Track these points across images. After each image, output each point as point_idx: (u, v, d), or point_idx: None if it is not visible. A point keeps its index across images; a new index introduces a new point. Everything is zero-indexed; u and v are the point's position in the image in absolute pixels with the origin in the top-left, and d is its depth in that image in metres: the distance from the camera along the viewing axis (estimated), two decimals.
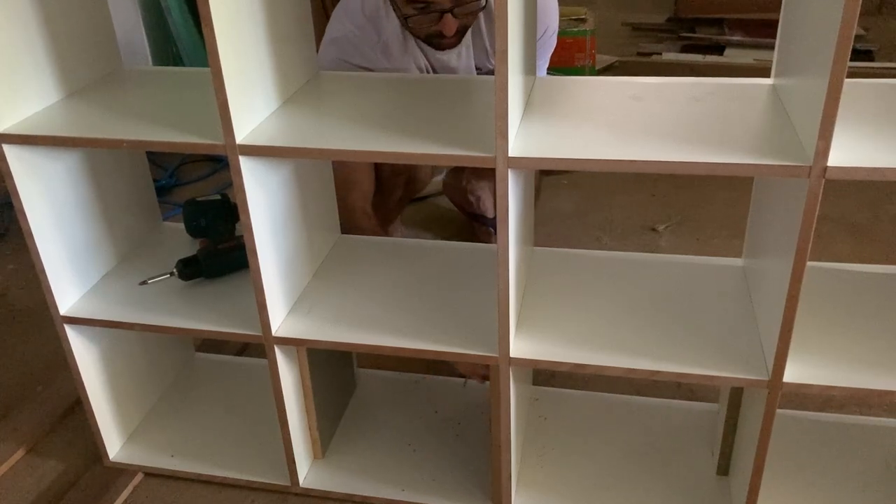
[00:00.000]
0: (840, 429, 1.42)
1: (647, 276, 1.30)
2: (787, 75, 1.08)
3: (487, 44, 1.75)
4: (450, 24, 1.59)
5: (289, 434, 1.30)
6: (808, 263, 0.96)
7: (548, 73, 1.87)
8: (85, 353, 1.33)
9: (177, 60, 2.93)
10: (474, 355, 1.15)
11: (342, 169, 1.70)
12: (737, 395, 1.24)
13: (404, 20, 1.63)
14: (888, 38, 3.85)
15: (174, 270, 1.32)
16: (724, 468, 1.32)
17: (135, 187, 1.44)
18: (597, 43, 3.34)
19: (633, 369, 1.10)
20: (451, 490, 1.33)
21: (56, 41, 1.20)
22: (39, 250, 1.21)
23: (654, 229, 2.25)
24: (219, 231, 1.43)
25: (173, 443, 1.46)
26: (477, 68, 1.80)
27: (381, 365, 1.65)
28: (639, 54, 3.78)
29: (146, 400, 1.53)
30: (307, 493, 1.36)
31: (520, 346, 1.15)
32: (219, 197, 1.48)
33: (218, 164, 2.72)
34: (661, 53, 3.72)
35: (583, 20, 3.28)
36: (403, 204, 2.13)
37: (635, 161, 0.95)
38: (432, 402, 1.53)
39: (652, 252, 1.52)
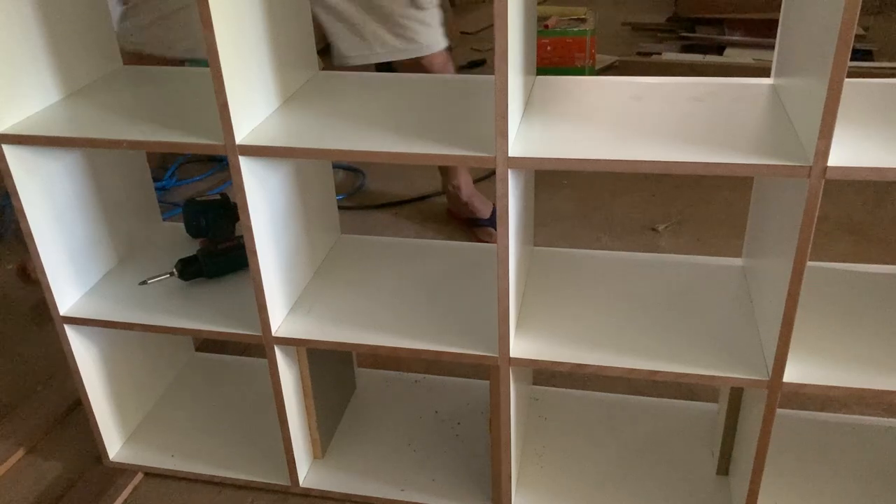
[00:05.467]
0: (840, 429, 1.42)
1: (647, 276, 1.30)
2: (787, 75, 1.08)
3: None
4: None
5: (289, 434, 1.30)
6: (808, 263, 0.96)
7: (548, 74, 1.88)
8: (85, 353, 1.33)
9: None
10: (474, 355, 1.15)
11: None
12: (737, 395, 1.24)
13: None
14: (888, 38, 3.85)
15: (174, 270, 1.32)
16: (724, 468, 1.32)
17: (135, 187, 1.44)
18: (597, 43, 3.34)
19: (633, 369, 1.10)
20: (451, 490, 1.33)
21: (56, 41, 1.20)
22: (39, 250, 1.21)
23: (654, 229, 2.25)
24: (219, 231, 1.43)
25: (173, 443, 1.46)
26: None
27: (381, 365, 1.65)
28: (639, 54, 3.78)
29: (146, 400, 1.53)
30: (307, 493, 1.36)
31: (520, 346, 1.15)
32: (219, 197, 1.48)
33: (218, 163, 2.71)
34: (661, 53, 3.72)
35: (583, 20, 3.29)
36: None
37: (635, 161, 0.95)
38: (432, 402, 1.53)
39: (652, 252, 1.52)
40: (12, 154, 1.13)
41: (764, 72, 1.18)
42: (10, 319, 1.92)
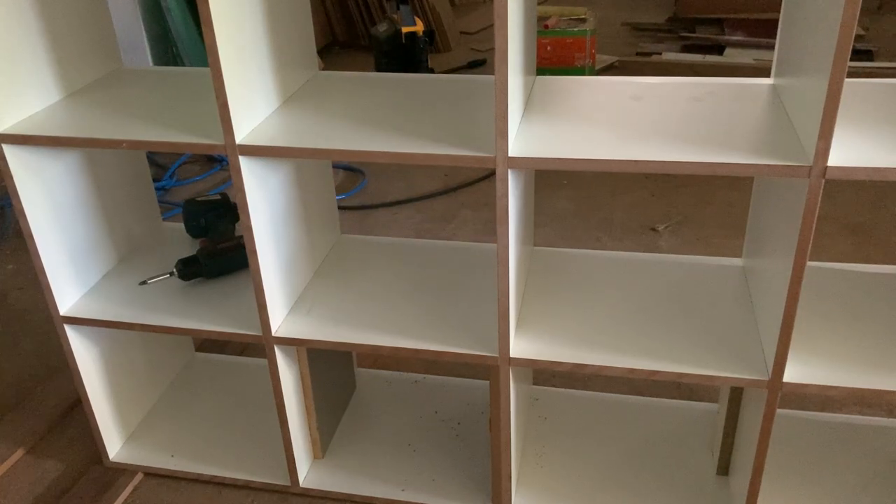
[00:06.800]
0: (840, 429, 1.42)
1: (647, 276, 1.30)
2: (787, 75, 1.08)
3: None
4: None
5: (289, 434, 1.30)
6: (808, 263, 0.96)
7: (548, 74, 1.87)
8: (85, 353, 1.33)
9: (177, 60, 2.93)
10: (474, 355, 1.15)
11: None
12: (737, 395, 1.24)
13: None
14: (888, 38, 3.85)
15: (174, 270, 1.32)
16: (724, 468, 1.32)
17: (135, 187, 1.44)
18: (597, 43, 3.34)
19: (633, 369, 1.10)
20: (451, 490, 1.33)
21: (56, 41, 1.20)
22: (39, 250, 1.21)
23: (654, 229, 2.25)
24: (219, 231, 1.43)
25: (173, 443, 1.46)
26: None
27: (381, 365, 1.65)
28: (639, 54, 3.78)
29: (146, 400, 1.53)
30: (307, 493, 1.36)
31: (520, 346, 1.15)
32: (219, 197, 1.48)
33: (218, 163, 2.72)
34: (661, 53, 3.72)
35: (583, 20, 3.29)
36: None
37: (635, 161, 0.95)
38: (432, 402, 1.53)
39: (652, 252, 1.52)
40: (12, 154, 1.13)
41: (764, 72, 1.18)
42: (10, 320, 1.92)
